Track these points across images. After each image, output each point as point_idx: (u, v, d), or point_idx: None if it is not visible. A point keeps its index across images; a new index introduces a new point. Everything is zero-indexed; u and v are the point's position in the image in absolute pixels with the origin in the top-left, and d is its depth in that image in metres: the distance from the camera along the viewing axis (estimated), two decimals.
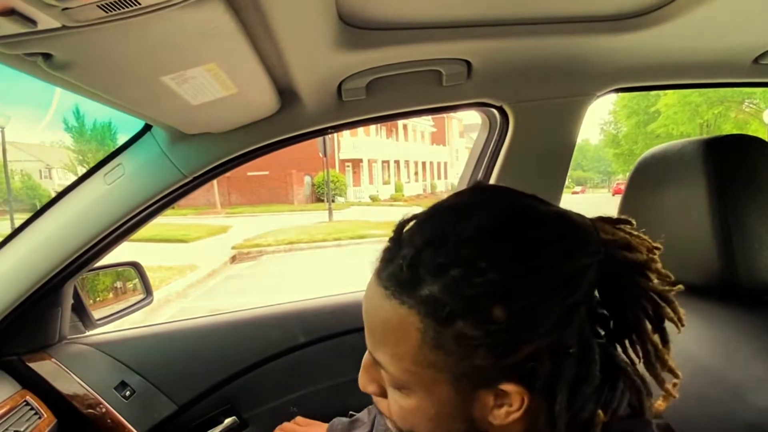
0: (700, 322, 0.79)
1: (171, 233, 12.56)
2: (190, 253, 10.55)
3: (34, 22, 0.48)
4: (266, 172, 23.08)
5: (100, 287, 1.39)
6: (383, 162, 30.37)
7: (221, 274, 9.04)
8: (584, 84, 1.17)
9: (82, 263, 1.13)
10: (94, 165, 1.10)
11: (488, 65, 1.06)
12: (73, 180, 1.08)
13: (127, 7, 0.48)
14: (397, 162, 31.54)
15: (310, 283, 7.29)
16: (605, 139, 32.31)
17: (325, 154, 17.64)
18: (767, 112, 17.11)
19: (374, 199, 26.26)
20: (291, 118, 1.09)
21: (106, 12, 0.48)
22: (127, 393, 1.25)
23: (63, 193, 1.09)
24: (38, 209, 1.10)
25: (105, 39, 0.57)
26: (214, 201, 22.27)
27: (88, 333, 1.33)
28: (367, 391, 0.56)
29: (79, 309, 1.30)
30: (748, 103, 21.36)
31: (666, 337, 0.53)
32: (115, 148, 1.10)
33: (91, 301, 1.34)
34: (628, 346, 0.54)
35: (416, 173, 34.09)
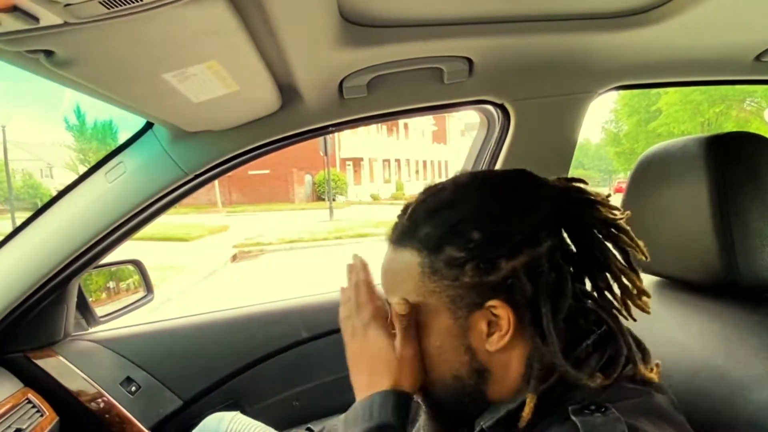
0: (701, 319, 0.79)
1: (172, 232, 12.55)
2: (191, 252, 10.56)
3: (36, 19, 0.48)
4: (267, 171, 23.07)
5: (92, 287, 1.39)
6: (384, 161, 30.36)
7: (222, 273, 9.04)
8: (586, 81, 1.17)
9: (86, 261, 1.13)
10: (95, 163, 1.10)
11: (490, 63, 1.06)
12: (73, 178, 1.09)
13: (129, 3, 0.48)
14: (397, 161, 31.54)
15: (311, 281, 7.29)
16: (606, 137, 32.24)
17: (326, 152, 17.62)
18: None
19: (375, 198, 26.25)
20: (292, 116, 1.09)
21: (108, 8, 0.49)
22: (133, 388, 1.28)
23: (65, 192, 1.09)
24: (40, 207, 1.10)
25: (107, 36, 0.57)
26: (215, 199, 22.28)
27: (92, 329, 1.34)
28: None
29: (83, 306, 1.31)
30: (749, 101, 21.31)
31: (633, 265, 0.61)
32: (117, 147, 1.10)
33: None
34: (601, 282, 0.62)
35: (417, 172, 34.08)
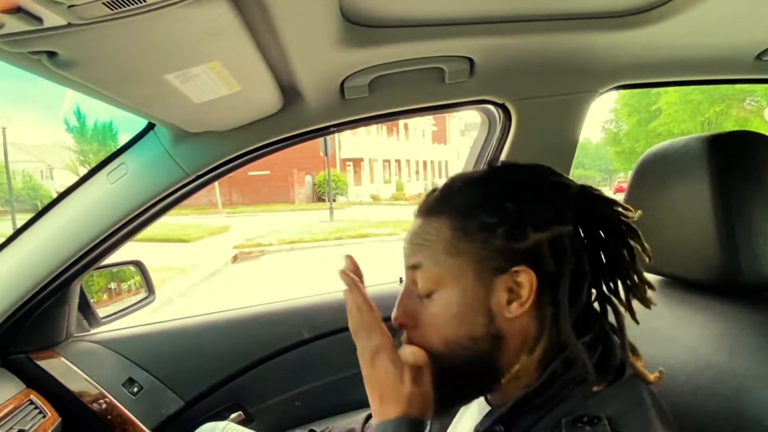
0: (703, 318, 0.79)
1: (173, 233, 12.56)
2: (191, 253, 10.56)
3: (39, 20, 0.48)
4: (267, 172, 23.08)
5: (94, 288, 1.39)
6: (384, 161, 30.36)
7: (223, 274, 9.05)
8: (587, 81, 1.17)
9: (88, 262, 1.14)
10: (97, 164, 1.10)
11: (491, 62, 1.06)
12: (73, 179, 1.09)
13: (132, 4, 0.48)
14: (398, 161, 31.53)
15: (312, 282, 7.29)
16: (606, 137, 32.22)
17: (326, 153, 17.62)
18: None
19: (375, 199, 26.25)
20: (294, 117, 1.09)
21: (112, 9, 0.49)
22: (135, 389, 1.28)
23: (66, 192, 1.09)
24: (42, 209, 1.10)
25: (109, 37, 0.58)
26: (215, 200, 22.29)
27: (94, 331, 1.34)
28: (399, 321, 0.65)
29: (85, 307, 1.31)
30: (749, 100, 21.29)
31: (637, 262, 0.63)
32: (118, 147, 1.10)
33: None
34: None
35: (417, 172, 34.08)
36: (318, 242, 12.15)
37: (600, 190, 0.64)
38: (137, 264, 1.46)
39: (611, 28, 0.96)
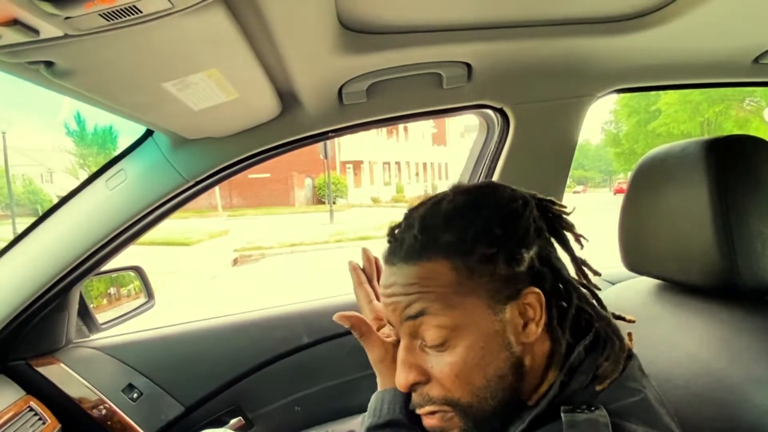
0: (702, 322, 0.79)
1: (173, 236, 12.56)
2: (192, 257, 10.56)
3: (36, 32, 0.48)
4: (267, 175, 23.09)
5: (93, 294, 1.39)
6: (384, 163, 30.36)
7: (223, 277, 9.04)
8: (584, 85, 1.17)
9: (88, 268, 1.13)
10: (96, 170, 1.10)
11: (488, 67, 1.06)
12: (74, 183, 1.09)
13: (129, 15, 0.48)
14: (398, 163, 31.53)
15: (312, 285, 7.29)
16: (606, 138, 32.23)
17: (326, 155, 17.65)
18: None
19: (375, 201, 26.25)
20: (292, 122, 1.09)
21: (108, 21, 0.49)
22: (135, 395, 1.28)
23: (65, 199, 1.09)
24: (41, 215, 1.10)
25: (106, 46, 0.58)
26: (215, 203, 22.29)
27: (94, 336, 1.34)
28: (410, 381, 0.59)
29: (84, 313, 1.31)
30: (749, 101, 21.29)
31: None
32: (117, 154, 1.10)
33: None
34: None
35: (417, 174, 34.07)
36: (318, 245, 12.15)
37: (539, 196, 0.67)
38: (137, 269, 1.45)
39: (608, 32, 0.96)
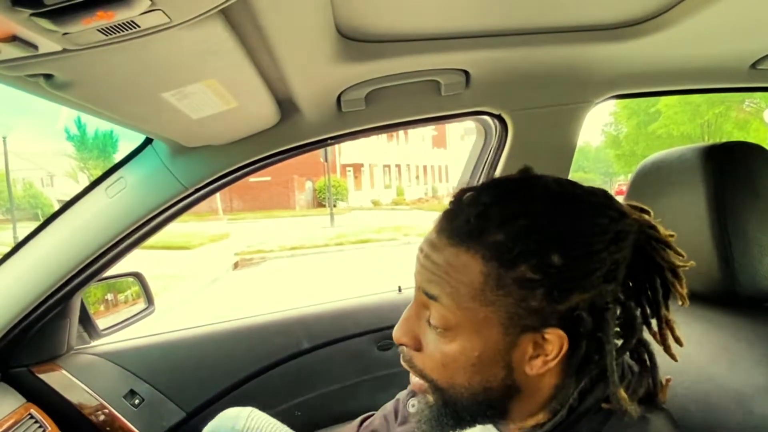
0: (701, 329, 0.79)
1: (173, 240, 12.55)
2: (192, 260, 10.55)
3: (35, 47, 0.48)
4: (268, 178, 23.11)
5: (91, 299, 1.40)
6: (384, 166, 30.37)
7: (224, 281, 9.04)
8: (582, 91, 1.17)
9: (88, 275, 1.14)
10: (96, 178, 1.10)
11: (486, 74, 1.07)
12: (74, 187, 1.09)
13: (127, 30, 0.49)
14: (398, 166, 31.54)
15: (313, 288, 7.28)
16: (606, 140, 32.14)
17: (326, 159, 17.67)
18: (767, 112, 17.05)
19: (376, 204, 26.26)
20: (291, 130, 1.09)
21: (107, 35, 0.49)
22: (137, 401, 1.28)
23: (65, 207, 1.09)
24: (41, 223, 1.11)
25: (105, 60, 0.58)
26: (216, 207, 22.29)
27: (95, 343, 1.34)
28: (401, 341, 0.58)
29: (85, 319, 1.31)
30: (748, 102, 21.25)
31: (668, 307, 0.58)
32: (117, 162, 1.11)
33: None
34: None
35: (417, 177, 34.07)
36: (319, 248, 12.14)
37: (659, 226, 0.57)
38: (137, 275, 1.46)
39: (606, 39, 0.96)
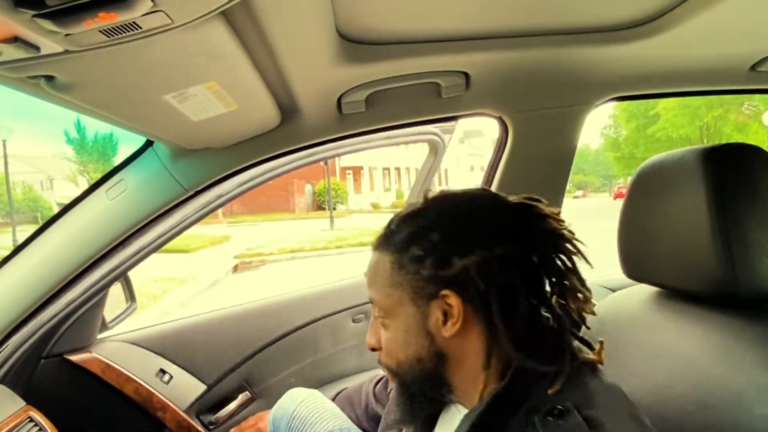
0: (701, 330, 0.79)
1: (173, 243, 12.45)
2: (192, 263, 10.54)
3: (37, 48, 0.48)
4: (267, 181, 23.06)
5: None
6: (384, 169, 30.41)
7: (223, 284, 9.03)
8: (582, 93, 1.17)
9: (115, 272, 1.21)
10: (96, 181, 1.10)
11: (487, 77, 1.07)
12: (74, 190, 1.10)
13: (129, 31, 0.49)
14: (397, 169, 31.58)
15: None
16: (605, 142, 32.22)
17: (325, 162, 17.65)
18: (766, 114, 17.07)
19: (375, 207, 26.25)
20: (291, 132, 1.10)
21: (108, 37, 0.49)
22: (166, 378, 1.47)
23: (65, 210, 1.09)
24: (41, 226, 1.11)
25: (107, 61, 0.58)
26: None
27: (107, 333, 1.48)
28: (371, 346, 0.74)
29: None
30: (747, 105, 21.29)
31: (580, 274, 0.68)
32: (118, 164, 1.11)
33: None
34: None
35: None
36: (318, 251, 12.13)
37: (539, 204, 0.70)
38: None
39: (606, 42, 0.97)
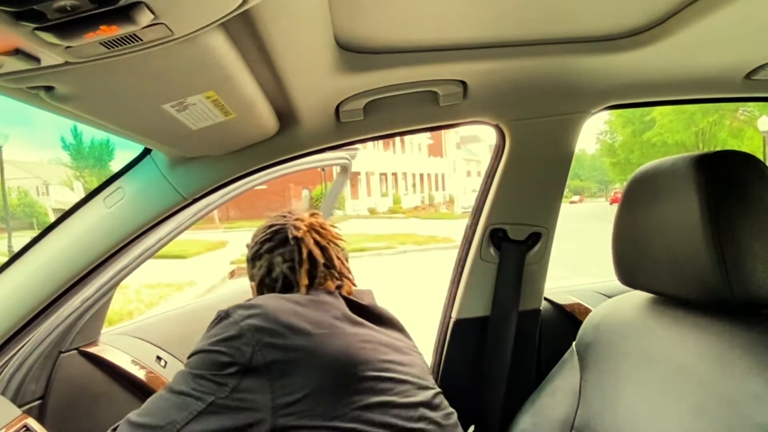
0: (696, 336, 0.80)
1: (170, 249, 12.46)
2: (189, 269, 10.51)
3: (37, 60, 0.49)
4: (264, 186, 22.91)
5: None
6: (381, 174, 30.44)
7: (220, 289, 9.00)
8: (579, 102, 1.18)
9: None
10: (94, 189, 1.10)
11: (484, 85, 1.08)
12: (69, 195, 1.11)
13: (129, 43, 0.49)
14: (394, 174, 31.62)
15: None
16: (602, 148, 32.32)
17: (323, 168, 17.67)
18: (761, 120, 17.17)
19: (372, 212, 26.27)
20: (290, 140, 1.10)
21: (109, 48, 0.49)
22: (163, 364, 1.57)
23: (63, 218, 1.09)
24: (38, 234, 1.11)
25: (106, 72, 0.58)
26: (212, 216, 22.26)
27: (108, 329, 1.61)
28: None
29: None
30: (742, 111, 21.40)
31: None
32: (115, 173, 1.11)
33: None
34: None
35: (414, 185, 34.17)
36: None
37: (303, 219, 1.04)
38: None
39: (602, 51, 0.98)
